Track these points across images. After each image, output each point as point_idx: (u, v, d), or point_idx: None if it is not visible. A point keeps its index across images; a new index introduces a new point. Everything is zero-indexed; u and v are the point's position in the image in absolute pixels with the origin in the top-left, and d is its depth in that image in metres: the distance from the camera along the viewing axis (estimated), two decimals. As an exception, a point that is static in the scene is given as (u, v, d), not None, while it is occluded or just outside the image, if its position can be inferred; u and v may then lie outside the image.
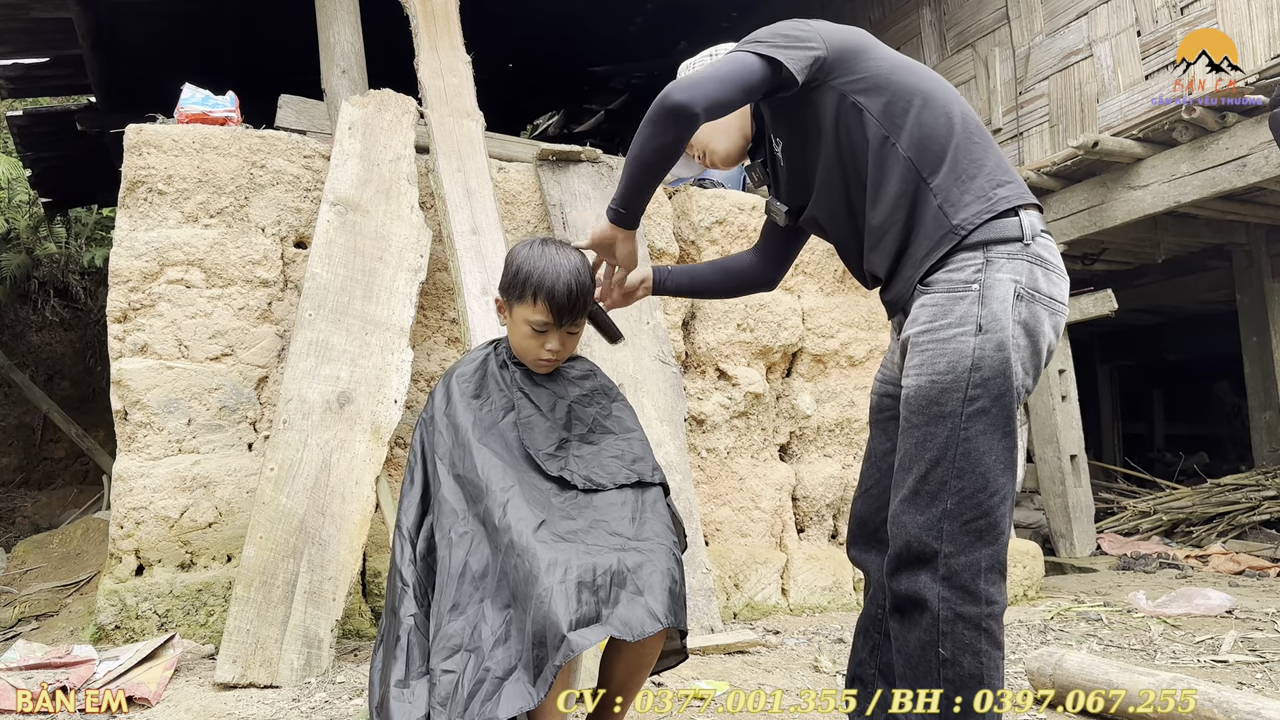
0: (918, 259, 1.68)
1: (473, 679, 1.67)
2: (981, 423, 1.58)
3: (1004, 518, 1.60)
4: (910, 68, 1.77)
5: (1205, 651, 3.37)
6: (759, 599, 3.97)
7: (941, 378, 1.60)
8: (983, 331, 1.58)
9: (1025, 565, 4.63)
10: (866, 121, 1.71)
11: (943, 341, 1.61)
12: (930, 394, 1.61)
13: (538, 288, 1.91)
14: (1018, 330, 1.61)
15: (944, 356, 1.60)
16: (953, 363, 1.59)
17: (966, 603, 1.58)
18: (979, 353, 1.58)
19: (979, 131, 1.71)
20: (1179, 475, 8.84)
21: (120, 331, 3.30)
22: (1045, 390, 6.30)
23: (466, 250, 3.42)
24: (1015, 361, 1.60)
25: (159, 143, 3.35)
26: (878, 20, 8.05)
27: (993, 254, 1.63)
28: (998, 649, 1.63)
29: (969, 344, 1.59)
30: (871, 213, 1.73)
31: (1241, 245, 7.13)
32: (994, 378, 1.58)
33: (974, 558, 1.58)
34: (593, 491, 1.90)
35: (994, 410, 1.58)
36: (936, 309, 1.63)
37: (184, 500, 3.24)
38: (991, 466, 1.58)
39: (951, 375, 1.59)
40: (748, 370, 4.11)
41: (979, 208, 1.64)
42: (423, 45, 3.82)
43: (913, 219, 1.68)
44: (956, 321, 1.60)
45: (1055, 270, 1.72)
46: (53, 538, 5.19)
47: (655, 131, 1.64)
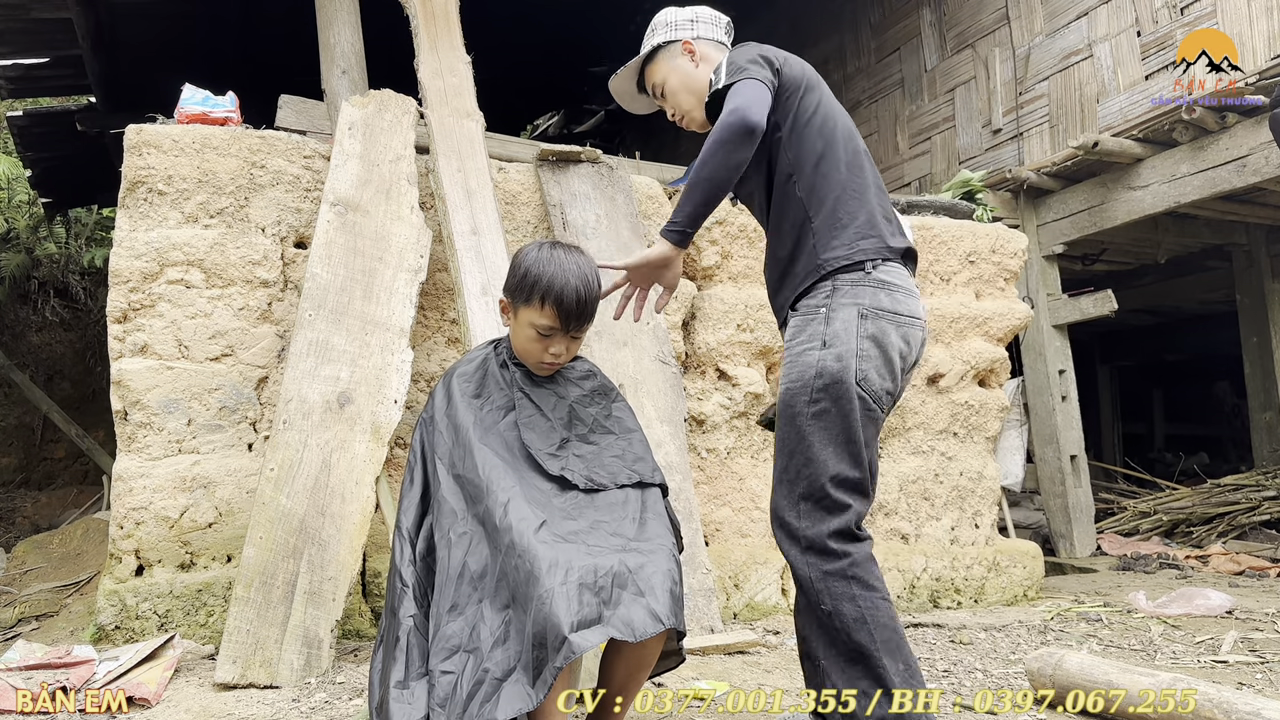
0: (794, 284, 2.01)
1: (471, 680, 1.67)
2: (823, 421, 1.88)
3: (845, 495, 1.88)
4: (828, 116, 2.05)
5: (1205, 652, 3.38)
6: (759, 599, 3.97)
7: (794, 385, 1.92)
8: (826, 346, 1.90)
9: (1025, 565, 4.63)
10: (781, 157, 2.03)
11: (797, 355, 1.94)
12: (786, 399, 1.93)
13: (546, 292, 1.90)
14: (865, 344, 1.90)
15: (796, 367, 1.93)
16: (801, 372, 1.92)
17: (827, 561, 1.85)
18: (821, 364, 1.89)
19: (861, 188, 2.02)
20: (1179, 475, 8.84)
21: (120, 332, 3.30)
22: (1045, 390, 6.30)
23: (466, 250, 3.42)
24: (861, 369, 1.88)
25: (159, 143, 3.35)
26: (877, 21, 8.05)
27: (839, 282, 1.95)
28: (871, 590, 1.86)
29: (814, 357, 1.91)
30: (772, 238, 2.11)
31: (1241, 245, 7.13)
32: (833, 384, 1.88)
33: (823, 528, 1.86)
34: (593, 491, 1.90)
35: (834, 411, 1.88)
36: (796, 328, 1.98)
37: (184, 500, 3.24)
38: (830, 457, 1.87)
39: (800, 383, 1.91)
40: (748, 370, 4.11)
41: (842, 253, 1.95)
42: (423, 45, 3.82)
43: (796, 250, 2.01)
44: (807, 339, 1.93)
45: (900, 290, 1.97)
46: (53, 538, 5.19)
47: (732, 149, 1.86)
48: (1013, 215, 6.36)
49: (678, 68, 2.22)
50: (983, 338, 4.68)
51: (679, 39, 2.24)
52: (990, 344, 4.68)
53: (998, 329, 4.71)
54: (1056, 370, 6.31)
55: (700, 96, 2.16)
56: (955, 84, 7.16)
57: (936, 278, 4.64)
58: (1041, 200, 6.38)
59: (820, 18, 8.74)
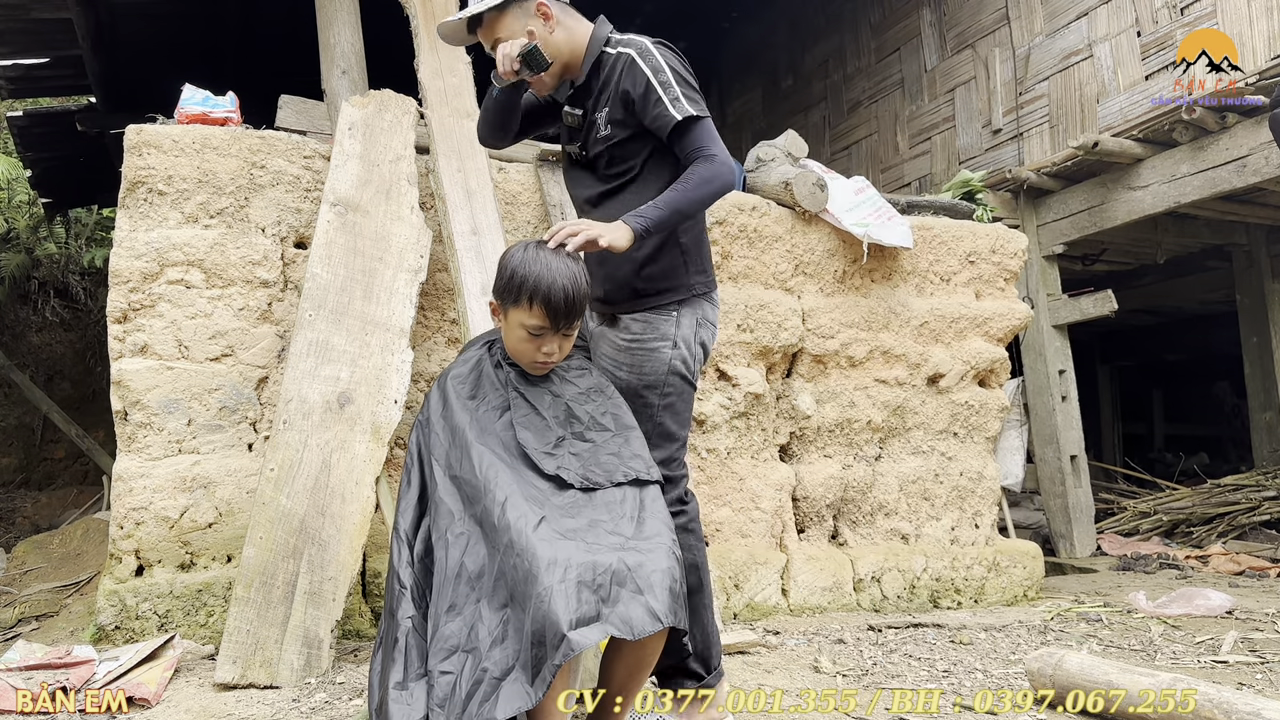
0: (653, 289, 2.25)
1: (470, 680, 1.67)
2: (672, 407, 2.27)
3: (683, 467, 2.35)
4: None
5: (1205, 652, 3.38)
6: (759, 599, 3.97)
7: (647, 376, 2.24)
8: (676, 346, 2.26)
9: (1025, 565, 4.63)
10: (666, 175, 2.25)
11: (650, 351, 2.25)
12: (638, 387, 2.23)
13: (533, 292, 1.90)
14: (697, 347, 2.31)
15: (650, 361, 2.24)
16: (655, 366, 2.24)
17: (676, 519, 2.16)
18: (672, 361, 2.25)
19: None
20: (1179, 476, 8.84)
21: (120, 332, 3.30)
22: (1045, 391, 6.30)
23: (466, 251, 3.42)
24: (691, 363, 2.29)
25: (159, 143, 3.35)
26: (878, 21, 8.05)
27: (685, 297, 2.30)
28: (702, 540, 2.41)
29: (666, 354, 2.25)
30: None
31: (1241, 246, 7.13)
32: (678, 377, 2.27)
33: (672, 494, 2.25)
34: (590, 490, 1.90)
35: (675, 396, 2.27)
36: (646, 325, 2.26)
37: (184, 500, 3.24)
38: (677, 433, 2.29)
39: (655, 376, 2.24)
40: (748, 371, 4.11)
41: (703, 279, 2.33)
42: (423, 45, 3.82)
43: (661, 256, 2.24)
44: (659, 337, 2.25)
45: (716, 306, 2.40)
46: (53, 538, 5.19)
47: (713, 197, 2.15)
48: (1013, 215, 6.36)
49: (533, 28, 2.23)
50: (983, 338, 4.68)
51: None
52: (990, 344, 4.68)
53: (998, 329, 4.71)
54: (1056, 370, 6.31)
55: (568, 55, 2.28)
56: (955, 84, 7.16)
57: (936, 278, 4.64)
58: (1041, 200, 6.38)
59: (820, 18, 8.74)
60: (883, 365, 4.43)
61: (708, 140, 2.13)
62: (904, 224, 4.42)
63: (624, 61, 2.21)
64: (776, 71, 9.47)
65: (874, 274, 4.47)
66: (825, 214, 4.30)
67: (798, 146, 4.61)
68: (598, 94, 2.26)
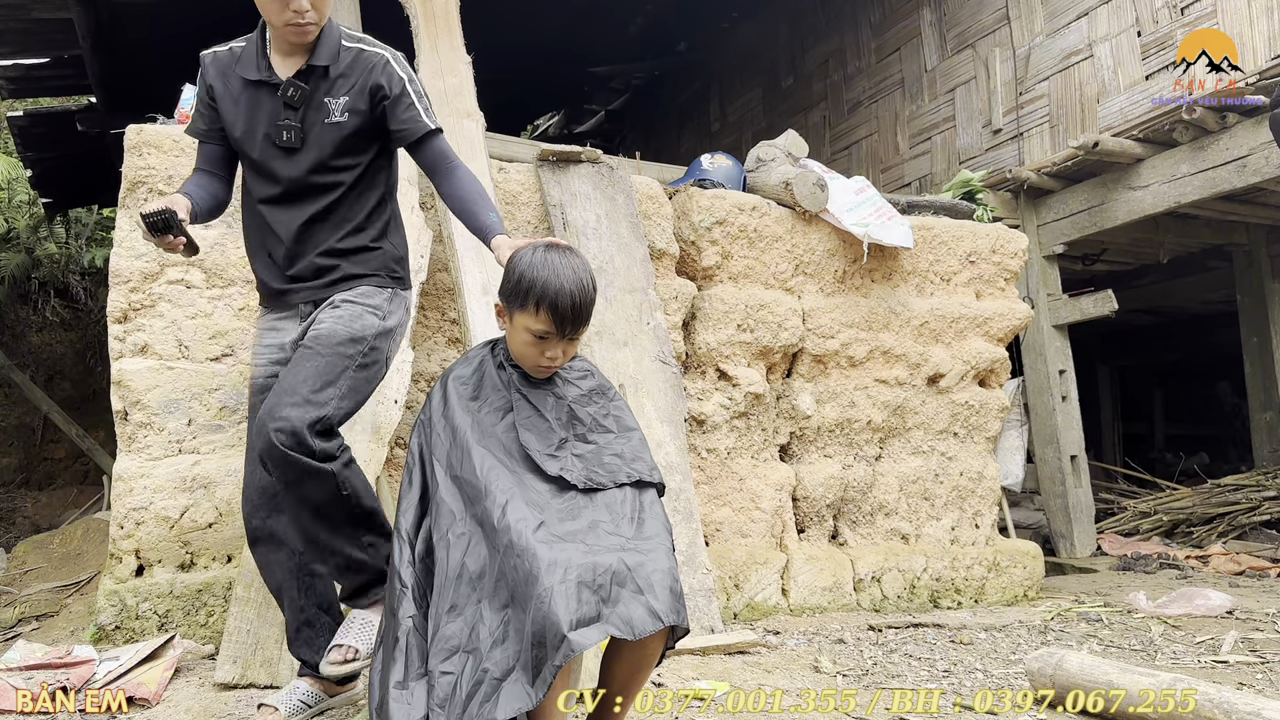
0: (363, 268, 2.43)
1: (471, 680, 1.67)
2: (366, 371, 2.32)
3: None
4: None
5: (1205, 652, 3.38)
6: (759, 599, 3.97)
7: (355, 333, 2.30)
8: (384, 318, 2.39)
9: (1025, 565, 4.63)
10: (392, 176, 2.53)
11: (360, 311, 2.34)
12: (340, 338, 2.27)
13: (540, 297, 1.90)
14: (399, 330, 2.47)
15: (358, 322, 2.32)
16: (364, 327, 2.32)
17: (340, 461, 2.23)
18: (378, 328, 2.36)
19: None
20: (1179, 476, 8.84)
21: (120, 332, 3.30)
22: (1045, 390, 6.30)
23: (467, 250, 3.42)
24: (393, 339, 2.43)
25: (159, 143, 3.35)
26: (878, 21, 8.05)
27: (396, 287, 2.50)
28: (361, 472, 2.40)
29: (374, 322, 2.35)
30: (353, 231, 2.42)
31: (1242, 245, 7.13)
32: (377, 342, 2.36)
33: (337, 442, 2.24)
34: (592, 491, 1.90)
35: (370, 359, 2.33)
36: (363, 293, 2.39)
37: (184, 500, 3.24)
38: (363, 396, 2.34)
39: (362, 335, 2.31)
40: (748, 370, 4.11)
41: (402, 271, 2.54)
42: (423, 45, 3.82)
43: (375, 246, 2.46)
44: (372, 308, 2.37)
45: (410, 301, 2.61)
46: (53, 538, 5.19)
47: None
48: (1013, 215, 6.36)
49: None
50: (983, 338, 4.68)
51: None
52: (990, 344, 4.68)
53: (998, 329, 4.71)
54: (1057, 370, 6.31)
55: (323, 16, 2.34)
56: (955, 84, 7.16)
57: (937, 278, 4.64)
58: (1042, 200, 6.38)
59: (820, 18, 8.75)
60: (883, 365, 4.43)
61: (454, 151, 2.44)
62: (904, 224, 4.42)
63: (378, 60, 2.37)
64: (776, 71, 9.47)
65: (874, 274, 4.47)
66: (825, 214, 4.30)
67: (798, 146, 4.62)
68: (334, 80, 2.35)
